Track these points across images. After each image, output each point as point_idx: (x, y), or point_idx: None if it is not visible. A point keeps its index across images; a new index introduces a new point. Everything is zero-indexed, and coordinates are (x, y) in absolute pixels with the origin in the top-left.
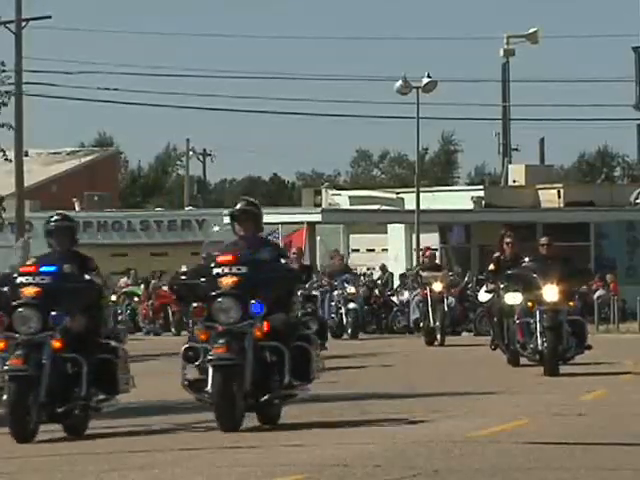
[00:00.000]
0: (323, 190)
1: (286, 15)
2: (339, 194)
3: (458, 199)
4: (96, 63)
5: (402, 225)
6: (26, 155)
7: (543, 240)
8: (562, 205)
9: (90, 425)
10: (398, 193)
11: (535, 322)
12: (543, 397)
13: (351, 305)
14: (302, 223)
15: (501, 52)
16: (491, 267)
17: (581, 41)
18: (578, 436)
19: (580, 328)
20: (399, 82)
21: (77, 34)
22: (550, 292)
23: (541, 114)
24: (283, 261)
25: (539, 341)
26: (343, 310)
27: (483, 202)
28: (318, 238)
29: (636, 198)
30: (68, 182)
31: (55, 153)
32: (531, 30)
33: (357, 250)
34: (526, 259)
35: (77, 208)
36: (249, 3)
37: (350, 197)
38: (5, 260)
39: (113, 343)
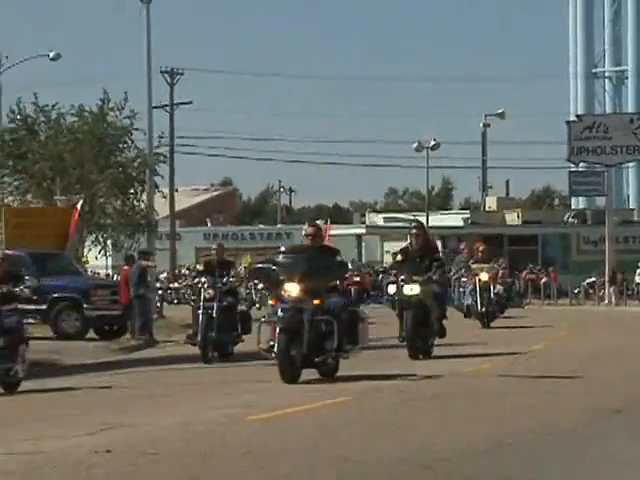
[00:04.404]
0: (367, 213)
1: (340, 93)
2: (376, 216)
3: (453, 219)
4: (220, 131)
5: None
6: (176, 190)
7: (307, 230)
8: (520, 223)
9: None
10: (415, 215)
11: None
12: (504, 347)
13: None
14: (353, 235)
15: (481, 124)
16: (398, 258)
17: (533, 117)
18: (528, 371)
19: (329, 326)
20: (416, 143)
21: (209, 111)
22: (290, 289)
23: (507, 164)
24: None
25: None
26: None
27: (469, 221)
28: (364, 244)
29: (567, 218)
30: (203, 208)
31: (195, 189)
32: (500, 110)
33: (388, 252)
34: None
35: (209, 225)
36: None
37: (384, 218)
38: (164, 258)
39: None
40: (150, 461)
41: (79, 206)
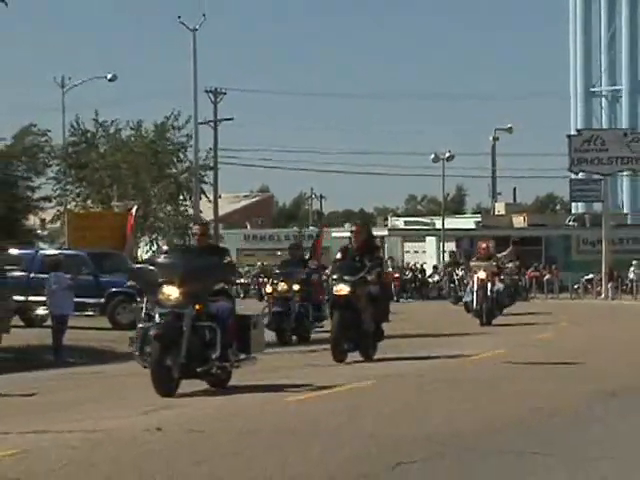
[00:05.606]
0: (389, 217)
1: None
2: (398, 220)
3: (466, 222)
4: (258, 144)
5: (434, 237)
6: (220, 197)
7: (195, 229)
8: (526, 225)
9: None
10: (432, 219)
11: None
12: (512, 337)
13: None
14: (377, 237)
15: (491, 138)
16: (338, 256)
17: (538, 131)
18: (534, 359)
19: (212, 333)
20: (433, 155)
21: (249, 126)
22: (168, 292)
23: (514, 173)
24: None
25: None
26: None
27: (481, 224)
28: (386, 245)
29: (568, 221)
30: (243, 212)
31: (236, 196)
32: (508, 125)
33: (408, 252)
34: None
35: (249, 227)
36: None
37: (404, 221)
38: None
39: None
40: (197, 438)
41: (134, 211)
